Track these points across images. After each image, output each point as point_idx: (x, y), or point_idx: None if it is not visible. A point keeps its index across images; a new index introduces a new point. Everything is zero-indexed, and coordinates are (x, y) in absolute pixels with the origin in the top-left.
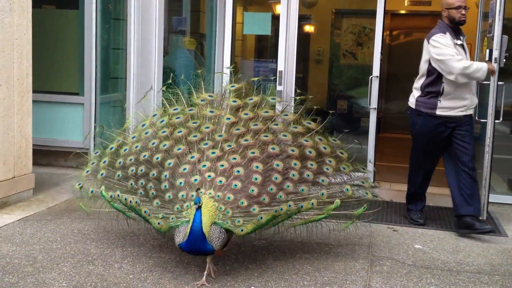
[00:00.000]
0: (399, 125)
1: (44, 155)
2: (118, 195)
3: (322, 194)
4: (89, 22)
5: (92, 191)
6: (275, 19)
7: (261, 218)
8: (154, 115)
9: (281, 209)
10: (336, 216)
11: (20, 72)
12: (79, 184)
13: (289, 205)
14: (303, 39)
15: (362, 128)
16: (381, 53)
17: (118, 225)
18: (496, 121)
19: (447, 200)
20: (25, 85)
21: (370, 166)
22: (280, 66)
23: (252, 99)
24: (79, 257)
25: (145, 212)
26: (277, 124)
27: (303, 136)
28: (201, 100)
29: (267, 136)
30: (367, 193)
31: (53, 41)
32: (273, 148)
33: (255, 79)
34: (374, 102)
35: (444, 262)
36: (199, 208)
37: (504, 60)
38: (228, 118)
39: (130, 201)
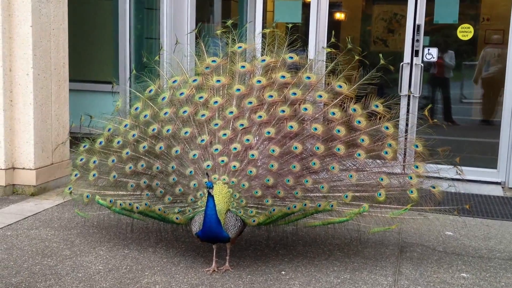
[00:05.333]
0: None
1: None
2: (120, 204)
3: (346, 196)
4: (123, 12)
5: (88, 196)
6: (306, 6)
7: (274, 210)
8: (150, 91)
9: (295, 207)
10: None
11: (57, 62)
12: (69, 189)
13: (305, 204)
14: (333, 26)
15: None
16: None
17: None
18: (416, 95)
19: (479, 186)
20: (61, 74)
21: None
22: (311, 55)
23: (264, 60)
24: (115, 241)
25: (159, 210)
26: (295, 94)
27: (330, 107)
28: (205, 68)
29: (283, 112)
30: (412, 192)
31: (88, 31)
32: (291, 127)
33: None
34: (405, 89)
35: (475, 248)
36: (210, 194)
37: None
38: (238, 90)
39: (137, 207)
